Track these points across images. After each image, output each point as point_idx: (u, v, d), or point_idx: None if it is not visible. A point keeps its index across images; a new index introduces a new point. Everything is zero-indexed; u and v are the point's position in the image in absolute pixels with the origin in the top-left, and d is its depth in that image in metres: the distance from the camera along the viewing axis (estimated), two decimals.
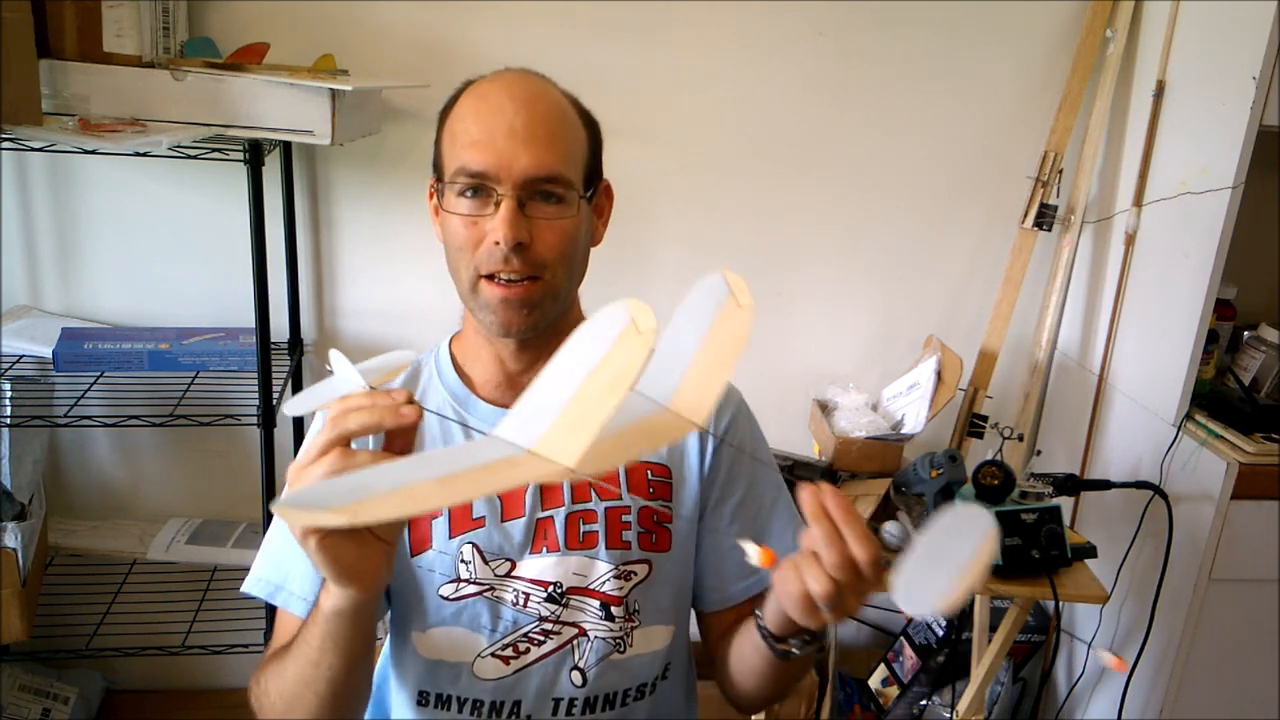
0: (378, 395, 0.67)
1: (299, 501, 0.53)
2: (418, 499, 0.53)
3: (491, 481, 0.54)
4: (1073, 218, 1.96)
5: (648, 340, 0.56)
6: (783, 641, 0.84)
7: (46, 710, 1.82)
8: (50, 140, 1.34)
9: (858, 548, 0.68)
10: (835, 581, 0.68)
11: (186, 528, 1.84)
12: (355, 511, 0.51)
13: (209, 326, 1.80)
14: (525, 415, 0.57)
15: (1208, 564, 1.66)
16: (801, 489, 0.70)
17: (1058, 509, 1.52)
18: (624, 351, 0.56)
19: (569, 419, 0.56)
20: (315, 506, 0.53)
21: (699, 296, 0.67)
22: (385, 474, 0.56)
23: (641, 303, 0.58)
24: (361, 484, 0.55)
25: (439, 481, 0.54)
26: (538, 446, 0.55)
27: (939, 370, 1.78)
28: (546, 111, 0.88)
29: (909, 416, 1.78)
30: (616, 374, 0.56)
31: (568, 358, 0.58)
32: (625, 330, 0.57)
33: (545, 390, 0.58)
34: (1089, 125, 1.93)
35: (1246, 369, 1.87)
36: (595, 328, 0.58)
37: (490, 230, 0.85)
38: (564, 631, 0.94)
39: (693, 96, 1.89)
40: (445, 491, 0.54)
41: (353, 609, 0.73)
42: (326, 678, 0.78)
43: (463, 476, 0.54)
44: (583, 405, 0.56)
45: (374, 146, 1.81)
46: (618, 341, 0.57)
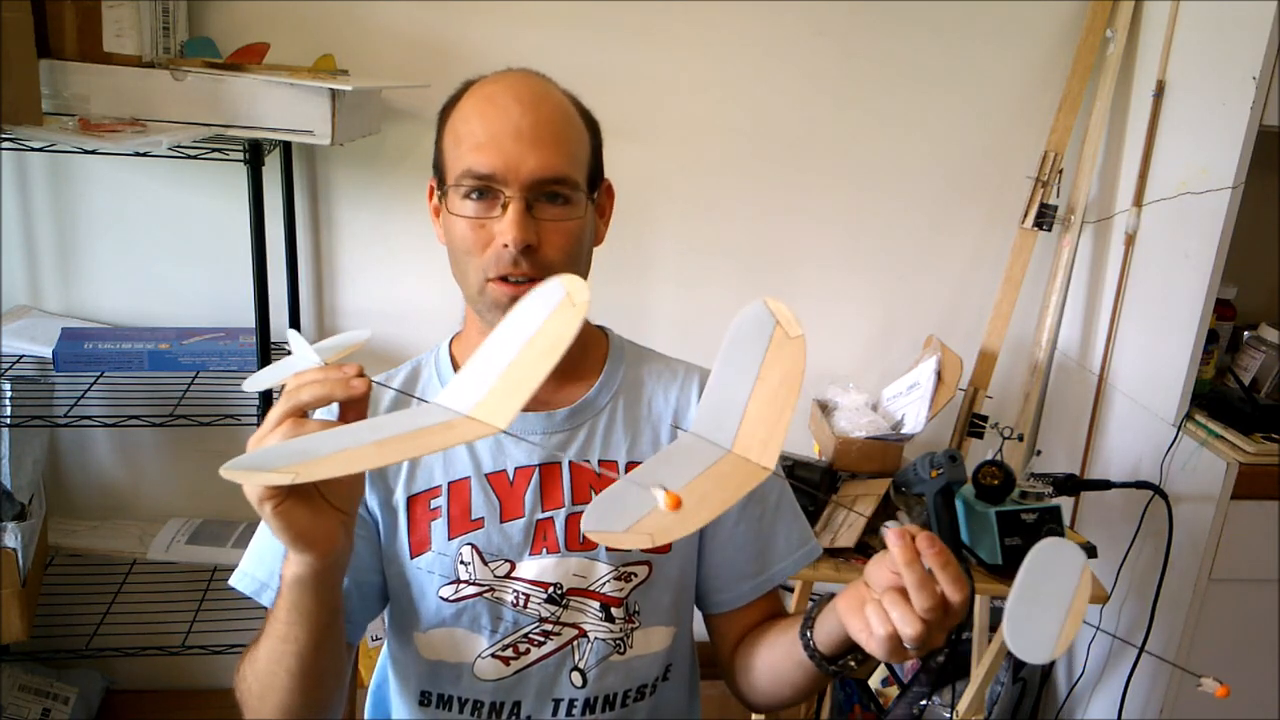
0: (330, 370, 0.69)
1: (247, 464, 0.56)
2: (357, 459, 0.56)
3: (427, 442, 0.57)
4: (1073, 218, 1.96)
5: (580, 311, 0.58)
6: (834, 661, 0.84)
7: (46, 710, 1.82)
8: (50, 140, 1.34)
9: (952, 591, 0.67)
10: (926, 623, 0.68)
11: (186, 528, 1.84)
12: (298, 471, 0.54)
13: (209, 326, 1.80)
14: (464, 383, 0.60)
15: (1208, 564, 1.66)
16: (890, 532, 0.69)
17: (1058, 509, 1.52)
18: (558, 322, 0.58)
19: (504, 385, 0.58)
20: (262, 468, 0.56)
21: (745, 330, 0.65)
22: (329, 438, 0.59)
23: (576, 278, 0.59)
24: (307, 448, 0.57)
25: (377, 444, 0.57)
26: (474, 411, 0.58)
27: (939, 370, 1.78)
28: (552, 112, 0.87)
29: (909, 416, 1.78)
30: (550, 342, 0.58)
31: (506, 329, 0.60)
32: (560, 303, 0.59)
33: (484, 360, 0.60)
34: (1089, 125, 1.93)
35: (1246, 369, 1.87)
36: (532, 302, 0.60)
37: (499, 233, 0.85)
38: (564, 632, 0.94)
39: (693, 96, 1.89)
40: (383, 452, 0.56)
41: (313, 576, 0.74)
42: (294, 651, 0.79)
43: (400, 438, 0.57)
44: (517, 372, 0.58)
45: (374, 146, 1.81)
46: (553, 313, 0.59)
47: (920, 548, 0.68)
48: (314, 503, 0.70)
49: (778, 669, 0.92)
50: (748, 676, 0.98)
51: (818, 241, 2.01)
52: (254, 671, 0.83)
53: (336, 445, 0.57)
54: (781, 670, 0.91)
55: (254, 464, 0.57)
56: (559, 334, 0.58)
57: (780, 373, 0.62)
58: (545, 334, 0.58)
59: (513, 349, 0.59)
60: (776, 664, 0.92)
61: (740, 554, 1.00)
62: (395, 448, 0.56)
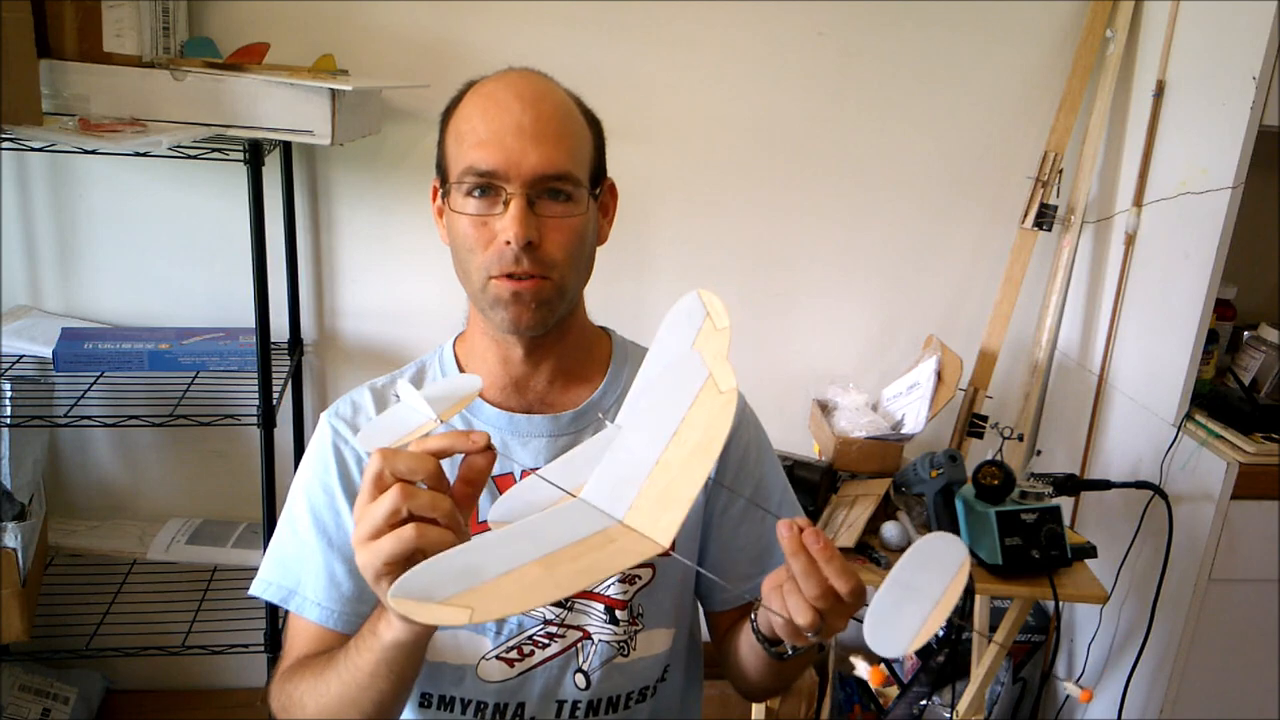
0: (455, 436, 0.69)
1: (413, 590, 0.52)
2: (531, 590, 0.53)
3: (595, 565, 0.54)
4: (1073, 218, 1.96)
5: (730, 400, 0.55)
6: (776, 644, 0.85)
7: (46, 710, 1.82)
8: (50, 140, 1.34)
9: (838, 581, 0.69)
10: (817, 610, 0.70)
11: (186, 528, 1.84)
12: (474, 606, 0.51)
13: (209, 326, 1.80)
14: (610, 477, 0.58)
15: (1208, 564, 1.66)
16: (779, 525, 0.70)
17: (1058, 509, 1.52)
18: (707, 414, 0.56)
19: (656, 489, 0.55)
20: (426, 597, 0.52)
21: (676, 319, 0.65)
22: (484, 551, 0.55)
23: (718, 353, 0.57)
24: (469, 566, 0.54)
25: (546, 565, 0.54)
26: (629, 518, 0.56)
27: (939, 370, 1.78)
28: (554, 110, 0.87)
29: (909, 416, 1.78)
30: (703, 439, 0.55)
31: (645, 408, 0.58)
32: (704, 388, 0.57)
33: (628, 449, 0.58)
34: (1089, 125, 1.93)
35: (1246, 369, 1.87)
36: (673, 378, 0.57)
37: (500, 230, 0.85)
38: (568, 634, 0.94)
39: (693, 96, 1.89)
40: (555, 579, 0.53)
41: (414, 640, 0.74)
42: (375, 700, 0.78)
43: (566, 555, 0.54)
44: (669, 475, 0.56)
45: (374, 146, 1.81)
46: (698, 402, 0.56)
47: (805, 541, 0.69)
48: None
49: (741, 653, 0.94)
50: (728, 663, 0.99)
51: (818, 241, 2.01)
52: (318, 704, 0.82)
53: (500, 563, 0.54)
54: (743, 654, 0.93)
55: (422, 592, 0.52)
56: (711, 430, 0.55)
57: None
58: (694, 426, 0.56)
59: (658, 441, 0.56)
60: (740, 649, 0.94)
61: (742, 555, 1.00)
62: (567, 573, 0.53)
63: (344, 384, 1.94)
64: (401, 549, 0.63)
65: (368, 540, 0.64)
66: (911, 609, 0.56)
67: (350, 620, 0.90)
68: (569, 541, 0.55)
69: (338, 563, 0.91)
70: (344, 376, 1.95)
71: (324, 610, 0.91)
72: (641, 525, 0.55)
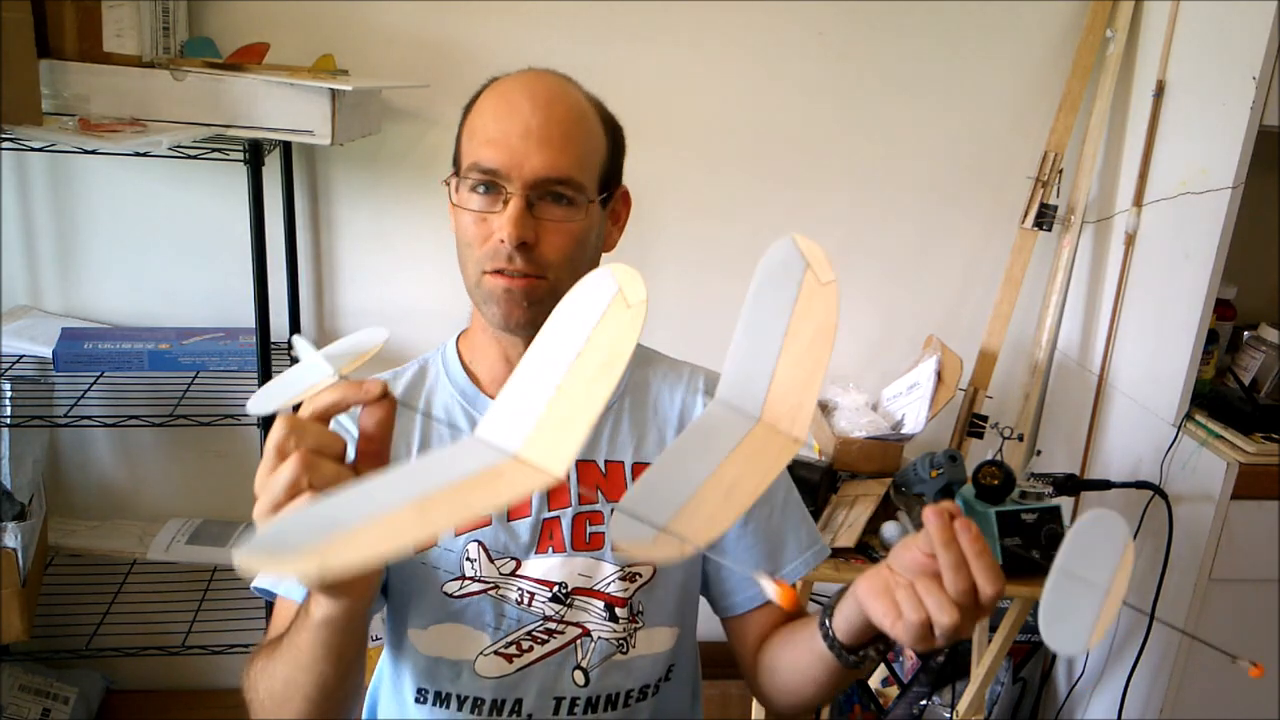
0: (346, 388, 0.64)
1: (263, 546, 0.46)
2: (394, 531, 0.46)
3: (475, 501, 0.48)
4: (1073, 218, 1.96)
5: (638, 314, 0.50)
6: (855, 651, 0.81)
7: (46, 710, 1.82)
8: (50, 140, 1.34)
9: (985, 581, 0.65)
10: (960, 609, 0.66)
11: (186, 528, 1.84)
12: (325, 555, 0.44)
13: (209, 326, 1.80)
14: (507, 410, 0.52)
15: (1208, 564, 1.66)
16: (929, 511, 0.66)
17: (1058, 509, 1.52)
18: (611, 329, 0.50)
19: (556, 415, 0.50)
20: (280, 551, 0.45)
21: (772, 275, 0.57)
22: (355, 499, 0.49)
23: (628, 268, 0.52)
24: (333, 515, 0.47)
25: (416, 506, 0.47)
26: (523, 451, 0.50)
27: (939, 370, 1.78)
28: (565, 114, 0.88)
29: (909, 416, 1.78)
30: (606, 357, 0.50)
31: (550, 338, 0.52)
32: (612, 301, 0.51)
33: (527, 379, 0.52)
34: (1089, 125, 1.93)
35: (1246, 369, 1.87)
36: (577, 301, 0.52)
37: (497, 228, 0.86)
38: (567, 631, 0.94)
39: (692, 97, 1.89)
40: (424, 518, 0.47)
41: (344, 617, 0.71)
42: (317, 683, 0.77)
43: (442, 497, 0.48)
44: (570, 397, 0.50)
45: (374, 146, 1.81)
46: (604, 316, 0.51)
47: (957, 529, 0.66)
48: None
49: (799, 664, 0.90)
50: (772, 677, 0.96)
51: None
52: (268, 689, 0.81)
53: (365, 508, 0.48)
54: (803, 665, 0.89)
55: (271, 545, 0.46)
56: (615, 345, 0.50)
57: (812, 328, 0.55)
58: (597, 346, 0.51)
59: (560, 364, 0.51)
60: (798, 660, 0.90)
61: (750, 554, 1.00)
62: (441, 510, 0.47)
63: None
64: None
65: (268, 513, 0.60)
66: (1085, 601, 0.52)
67: None
68: (450, 481, 0.49)
69: None
70: None
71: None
72: (536, 457, 0.50)
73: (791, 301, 0.55)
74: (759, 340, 0.56)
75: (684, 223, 1.95)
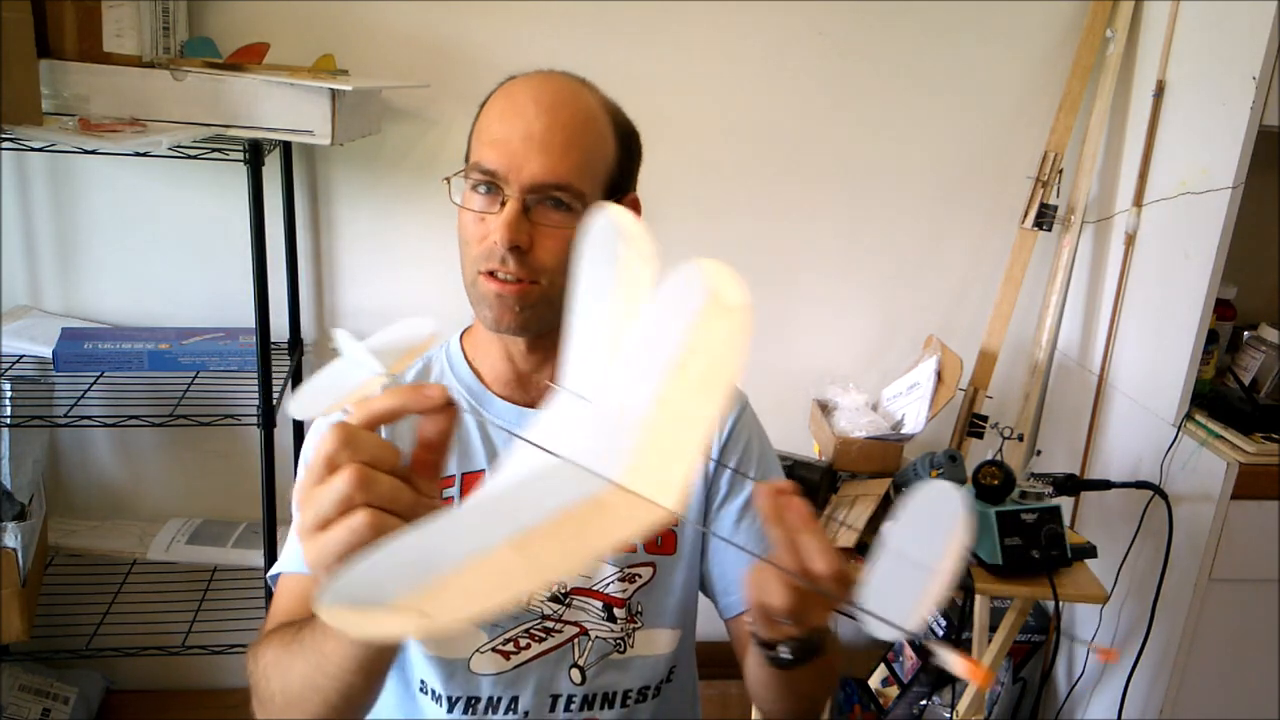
0: (406, 393, 0.58)
1: (351, 594, 0.40)
2: (501, 579, 0.40)
3: (586, 543, 0.42)
4: (1073, 218, 1.96)
5: (740, 319, 0.44)
6: (771, 647, 0.76)
7: (46, 710, 1.82)
8: (50, 140, 1.34)
9: (815, 560, 0.60)
10: (796, 592, 0.62)
11: (186, 528, 1.84)
12: (428, 608, 0.39)
13: (209, 326, 1.80)
14: (597, 429, 0.46)
15: (1208, 564, 1.66)
16: (759, 488, 0.62)
17: (1058, 509, 1.52)
18: (709, 336, 0.44)
19: (657, 436, 0.44)
20: (372, 601, 0.40)
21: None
22: (442, 533, 0.43)
23: (718, 264, 0.46)
24: (419, 556, 0.42)
25: (517, 545, 0.42)
26: (626, 477, 0.44)
27: (939, 370, 1.78)
28: (570, 119, 0.87)
29: (909, 416, 1.78)
30: (706, 369, 0.44)
31: (636, 345, 0.46)
32: (706, 304, 0.45)
33: (614, 390, 0.46)
34: (1089, 125, 1.93)
35: (1246, 369, 1.87)
36: (666, 303, 0.46)
37: (492, 229, 0.86)
38: (564, 629, 0.94)
39: (692, 97, 1.89)
40: (531, 563, 0.41)
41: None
42: (341, 690, 0.72)
43: (545, 535, 0.42)
44: (670, 414, 0.44)
45: (374, 146, 1.81)
46: (698, 321, 0.44)
47: (784, 507, 0.61)
48: None
49: (750, 669, 0.87)
50: (747, 681, 0.93)
51: (818, 241, 2.01)
52: (284, 685, 0.76)
53: (461, 548, 0.41)
54: (751, 666, 0.85)
55: (359, 595, 0.40)
56: (720, 356, 0.44)
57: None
58: (695, 354, 0.44)
59: (652, 375, 0.45)
60: (749, 663, 0.86)
61: (743, 556, 0.99)
62: (548, 553, 0.41)
63: None
64: (356, 542, 0.53)
65: (315, 531, 0.54)
66: (910, 581, 0.47)
67: None
68: (549, 513, 0.43)
69: None
70: None
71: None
72: (641, 485, 0.44)
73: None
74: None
75: (683, 222, 1.95)
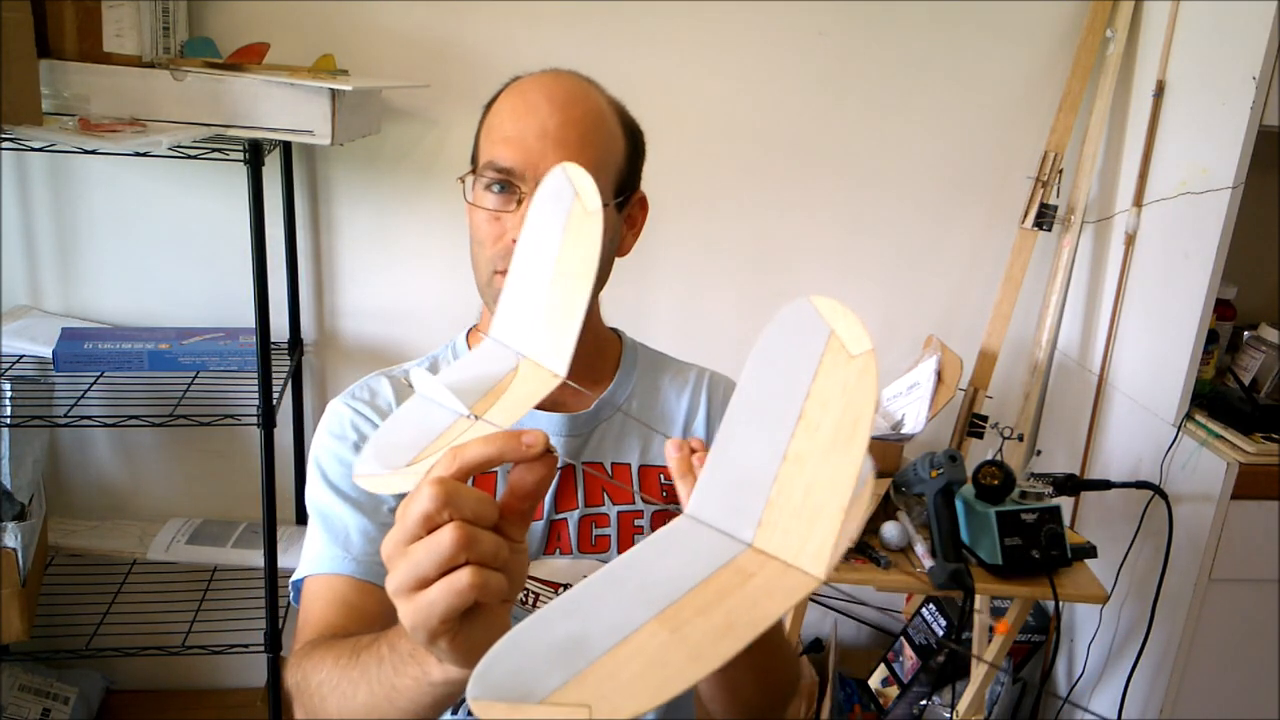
0: (503, 441, 0.53)
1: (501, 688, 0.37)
2: (661, 669, 0.37)
3: (741, 620, 0.38)
4: (1073, 218, 1.96)
5: (866, 368, 0.41)
6: None
7: (46, 710, 1.82)
8: (50, 140, 1.34)
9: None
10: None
11: (186, 528, 1.84)
12: (594, 704, 0.36)
13: (209, 326, 1.80)
14: (720, 484, 0.42)
15: (1208, 564, 1.66)
16: (670, 443, 0.63)
17: (1058, 509, 1.52)
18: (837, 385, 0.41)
19: (791, 494, 0.40)
20: (522, 695, 0.36)
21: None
22: (581, 608, 0.40)
23: (837, 305, 0.43)
24: (564, 637, 0.39)
25: (669, 625, 0.38)
26: (760, 541, 0.41)
27: (939, 370, 1.78)
28: (583, 116, 0.88)
29: (909, 416, 1.78)
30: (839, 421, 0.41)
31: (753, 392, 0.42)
32: (828, 349, 0.42)
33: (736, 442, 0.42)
34: (1089, 125, 1.93)
35: (1246, 369, 1.87)
36: (778, 345, 0.43)
37: (509, 228, 0.86)
38: None
39: (692, 96, 1.89)
40: (689, 648, 0.37)
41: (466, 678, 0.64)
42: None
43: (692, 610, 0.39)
44: (804, 473, 0.41)
45: (374, 146, 1.81)
46: (823, 368, 0.42)
47: (695, 463, 0.62)
48: (496, 614, 0.55)
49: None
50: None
51: (818, 241, 2.01)
52: (341, 707, 0.71)
53: (607, 626, 0.38)
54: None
55: (508, 687, 0.37)
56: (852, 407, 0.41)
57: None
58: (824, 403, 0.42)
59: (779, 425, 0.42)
60: None
61: None
62: (703, 636, 0.38)
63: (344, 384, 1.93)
64: (459, 604, 0.51)
65: (412, 591, 0.51)
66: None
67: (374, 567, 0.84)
68: (691, 584, 0.40)
69: (367, 518, 0.87)
70: (344, 376, 1.95)
71: (347, 559, 0.84)
72: (780, 549, 0.40)
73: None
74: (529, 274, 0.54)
75: (682, 222, 1.95)
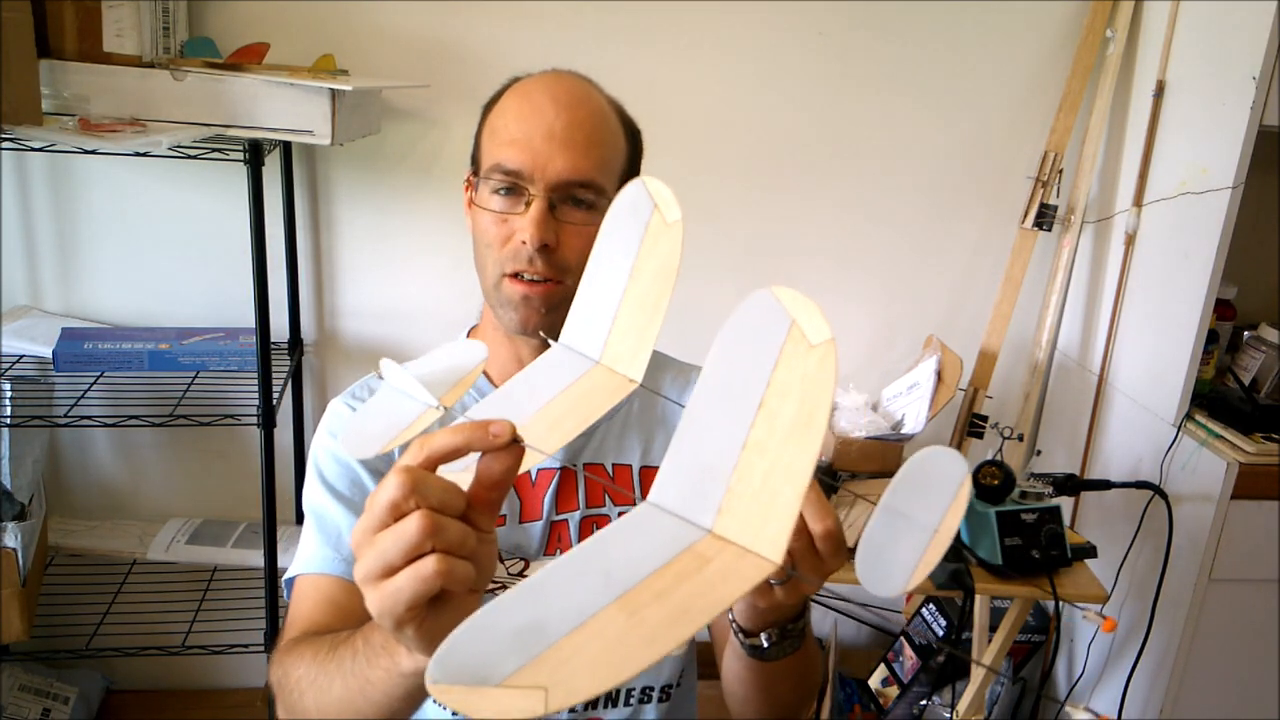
0: (470, 430, 0.53)
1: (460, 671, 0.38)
2: (616, 651, 0.38)
3: (694, 604, 0.40)
4: (1073, 218, 1.96)
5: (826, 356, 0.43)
6: (753, 636, 0.75)
7: (46, 710, 1.82)
8: (50, 140, 1.34)
9: (810, 514, 0.60)
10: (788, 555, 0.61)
11: (186, 528, 1.84)
12: (551, 685, 0.37)
13: (209, 326, 1.80)
14: (682, 471, 0.44)
15: (1208, 564, 1.66)
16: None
17: (1058, 509, 1.52)
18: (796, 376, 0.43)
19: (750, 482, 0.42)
20: (484, 675, 0.37)
21: (620, 217, 0.57)
22: (540, 592, 0.41)
23: (795, 293, 0.45)
24: (524, 620, 0.40)
25: (624, 607, 0.39)
26: (720, 527, 0.42)
27: (939, 370, 1.78)
28: (588, 117, 0.88)
29: (909, 416, 1.78)
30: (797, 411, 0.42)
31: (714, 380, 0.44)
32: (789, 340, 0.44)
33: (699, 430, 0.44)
34: (1089, 125, 1.93)
35: (1246, 369, 1.87)
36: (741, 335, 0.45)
37: (519, 229, 0.86)
38: None
39: (692, 96, 1.89)
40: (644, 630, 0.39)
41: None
42: (383, 715, 0.69)
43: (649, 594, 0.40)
44: (763, 461, 0.42)
45: (374, 146, 1.81)
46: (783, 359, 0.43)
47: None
48: (465, 603, 0.54)
49: (728, 662, 0.86)
50: (724, 680, 0.91)
51: (818, 241, 2.01)
52: (318, 703, 0.72)
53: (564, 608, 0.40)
54: (729, 661, 0.85)
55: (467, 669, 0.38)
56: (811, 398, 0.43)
57: (653, 268, 0.54)
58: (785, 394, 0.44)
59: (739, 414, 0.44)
60: (728, 658, 0.86)
61: None
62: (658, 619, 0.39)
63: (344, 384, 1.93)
64: (425, 591, 0.51)
65: (379, 579, 0.52)
66: (907, 541, 0.47)
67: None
68: (650, 570, 0.42)
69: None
70: (344, 376, 1.95)
71: (337, 560, 0.85)
72: (739, 535, 0.42)
73: (638, 242, 0.55)
74: (603, 282, 0.57)
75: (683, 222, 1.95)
